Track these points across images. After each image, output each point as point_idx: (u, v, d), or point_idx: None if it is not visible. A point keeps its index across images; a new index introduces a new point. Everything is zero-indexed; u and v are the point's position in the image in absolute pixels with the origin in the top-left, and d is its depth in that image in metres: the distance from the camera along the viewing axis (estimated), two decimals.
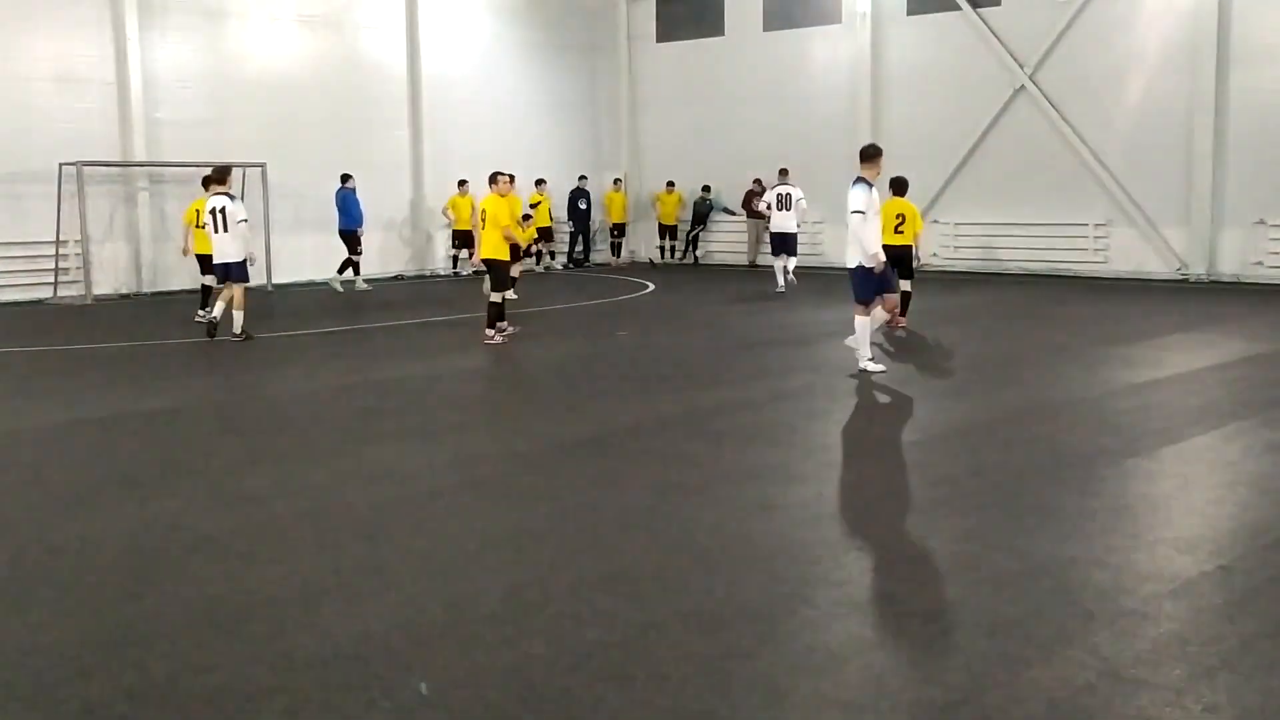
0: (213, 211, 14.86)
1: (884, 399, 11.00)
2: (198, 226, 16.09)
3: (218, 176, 15.21)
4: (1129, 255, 22.91)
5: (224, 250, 14.93)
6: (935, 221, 25.33)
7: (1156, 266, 22.53)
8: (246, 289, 15.28)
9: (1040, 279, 23.10)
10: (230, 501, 7.47)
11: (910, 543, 6.40)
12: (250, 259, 15.36)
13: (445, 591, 5.67)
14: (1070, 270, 23.37)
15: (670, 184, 28.80)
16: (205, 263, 16.29)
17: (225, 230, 14.82)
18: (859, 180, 11.61)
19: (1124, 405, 10.43)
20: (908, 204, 15.87)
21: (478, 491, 7.76)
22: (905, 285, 15.39)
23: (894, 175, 16.06)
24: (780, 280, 21.01)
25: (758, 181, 26.79)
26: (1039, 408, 10.31)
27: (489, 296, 14.77)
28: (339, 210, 22.10)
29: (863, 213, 11.47)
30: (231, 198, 15.06)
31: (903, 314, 15.19)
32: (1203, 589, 5.60)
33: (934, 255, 25.25)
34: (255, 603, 5.55)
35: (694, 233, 28.72)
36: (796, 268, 21.27)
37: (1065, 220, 23.46)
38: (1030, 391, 11.20)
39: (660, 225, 28.99)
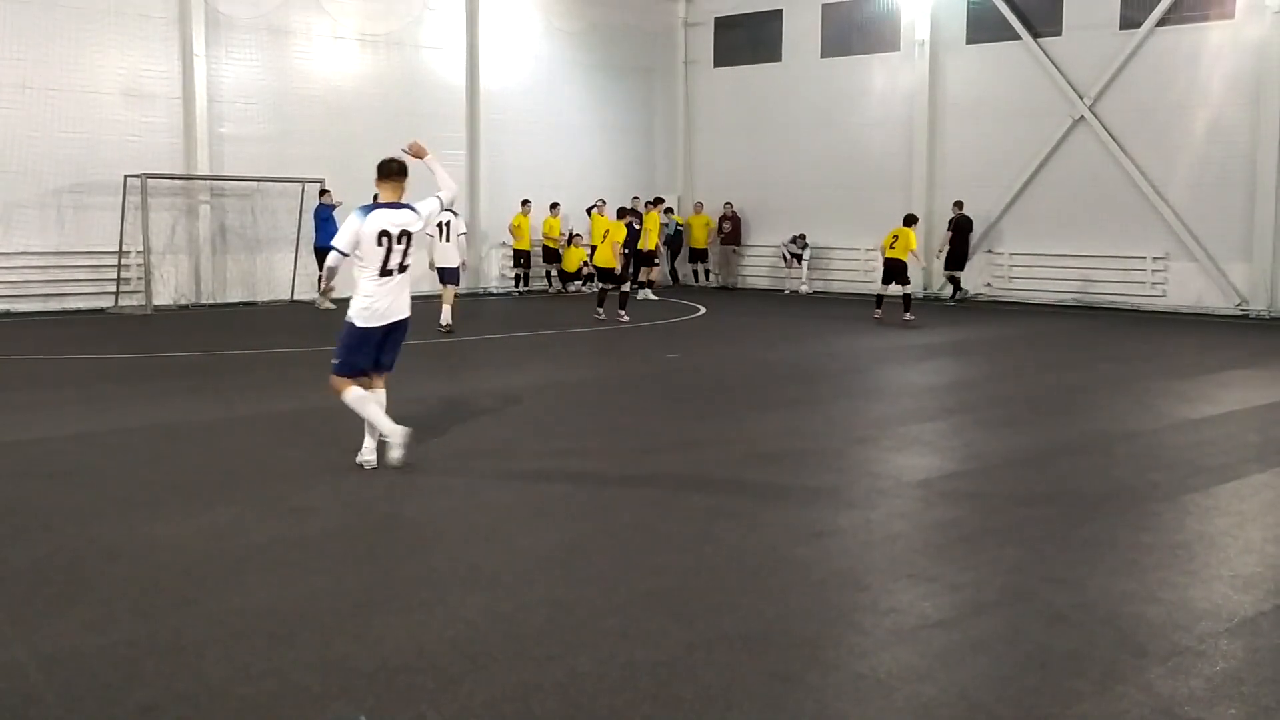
0: (439, 225, 16.62)
1: (935, 428, 10.93)
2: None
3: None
4: (1187, 289, 22.63)
5: (445, 256, 17.01)
6: (990, 251, 25.20)
7: (1216, 301, 22.23)
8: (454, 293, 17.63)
9: (1097, 311, 22.87)
10: (284, 512, 7.56)
11: (960, 572, 6.34)
12: (463, 265, 17.56)
13: (494, 606, 5.70)
14: (1127, 303, 23.11)
15: (699, 205, 28.86)
16: None
17: (447, 240, 16.81)
18: (410, 206, 8.71)
19: (1180, 440, 10.29)
20: (905, 230, 20.16)
21: (528, 508, 7.79)
22: (905, 289, 20.41)
23: (907, 214, 21.20)
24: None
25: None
26: (1093, 441, 10.20)
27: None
28: (317, 226, 21.84)
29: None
30: (454, 214, 16.89)
31: (906, 309, 20.30)
32: (1260, 628, 5.51)
33: (988, 285, 25.19)
34: (307, 612, 5.61)
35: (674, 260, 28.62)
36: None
37: (1123, 253, 23.23)
38: (1085, 424, 11.07)
39: (691, 249, 28.95)
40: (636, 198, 28.16)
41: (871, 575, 6.36)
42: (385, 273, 8.48)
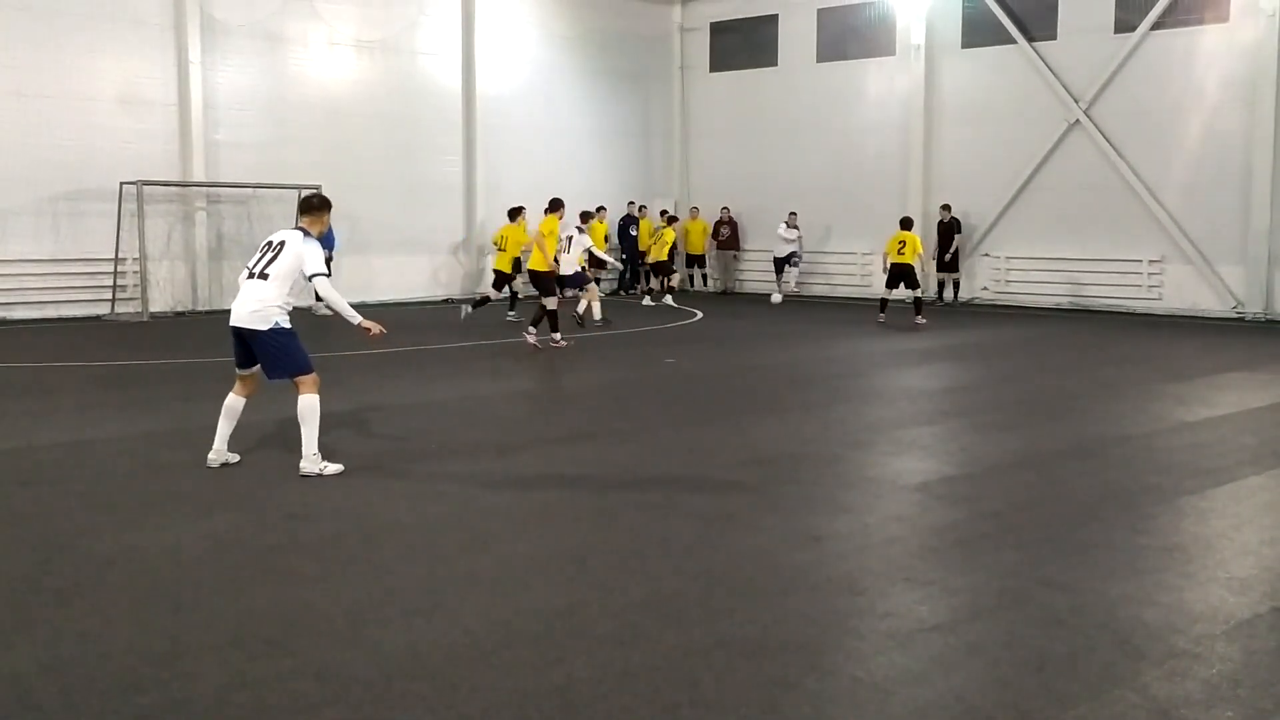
0: (566, 238, 18.94)
1: (932, 432, 10.94)
2: (500, 250, 21.35)
3: (583, 218, 20.18)
4: (1183, 292, 22.66)
5: (567, 265, 18.83)
6: (986, 255, 25.24)
7: (1211, 304, 22.26)
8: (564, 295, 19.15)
9: (1093, 314, 22.90)
10: (279, 518, 7.56)
11: (957, 576, 6.34)
12: (586, 271, 19.90)
13: (491, 612, 5.70)
14: (1123, 306, 23.14)
15: (694, 210, 28.87)
16: (500, 278, 21.05)
17: (568, 252, 18.84)
18: (308, 234, 8.86)
19: (1176, 443, 10.30)
20: (910, 234, 20.46)
21: (525, 513, 7.79)
22: (915, 293, 20.66)
23: (903, 216, 21.51)
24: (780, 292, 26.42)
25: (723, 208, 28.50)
26: (1089, 443, 10.20)
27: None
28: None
29: (327, 274, 8.79)
30: (581, 230, 19.29)
31: (918, 313, 20.58)
32: (1256, 630, 5.51)
33: (984, 289, 25.22)
34: (303, 618, 5.61)
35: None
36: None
37: (1119, 256, 23.26)
38: (1080, 427, 11.08)
39: (687, 254, 28.91)
40: (632, 202, 28.27)
41: (868, 579, 6.36)
42: (251, 274, 8.75)
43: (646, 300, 25.09)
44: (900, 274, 20.43)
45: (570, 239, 19.14)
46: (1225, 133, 21.85)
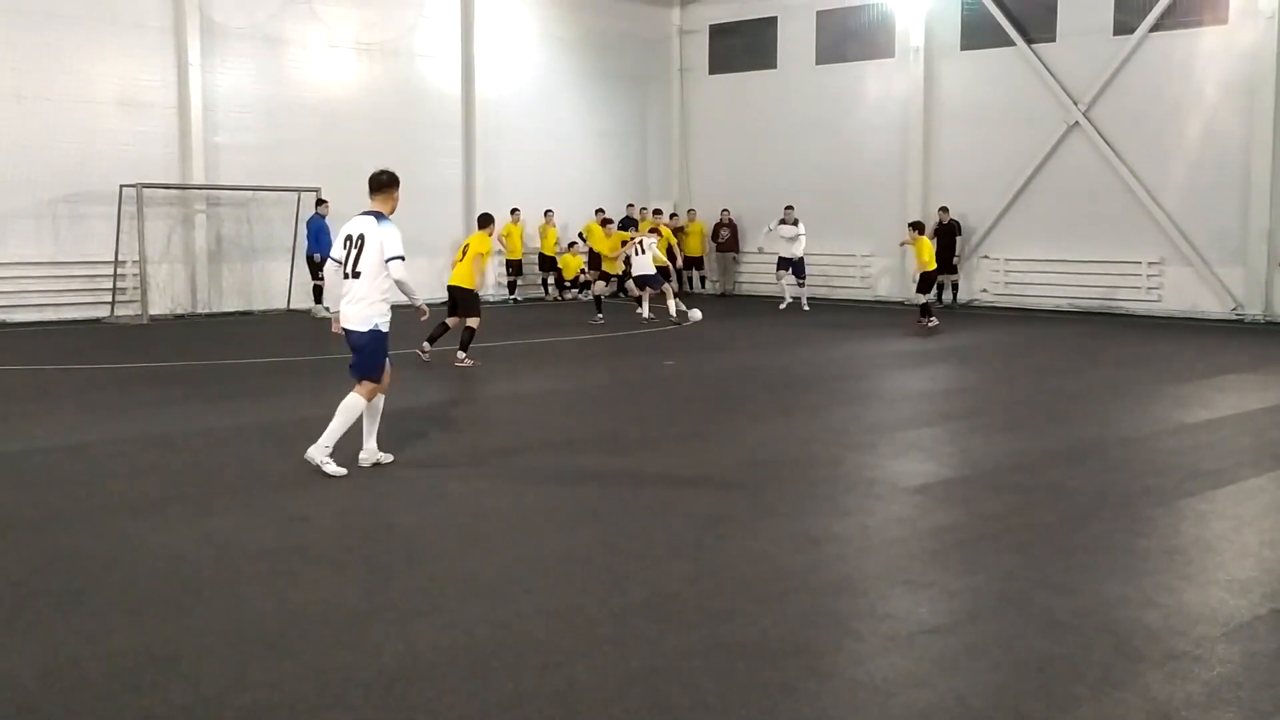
0: (639, 242, 21.21)
1: (932, 434, 10.94)
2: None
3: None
4: (1183, 294, 22.64)
5: (642, 267, 21.05)
6: (986, 257, 25.24)
7: (1211, 306, 22.25)
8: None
9: (1092, 316, 22.90)
10: (280, 521, 7.56)
11: (957, 578, 6.35)
12: (665, 272, 22.03)
13: (491, 614, 5.70)
14: (1123, 308, 23.13)
15: (691, 211, 28.82)
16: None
17: (643, 254, 21.05)
18: (382, 216, 8.93)
19: (1176, 445, 10.30)
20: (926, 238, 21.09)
21: (526, 515, 7.80)
22: (926, 297, 21.16)
23: (914, 220, 21.93)
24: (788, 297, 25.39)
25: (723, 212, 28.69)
26: (1089, 445, 10.20)
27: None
28: (312, 237, 21.79)
29: (403, 258, 8.79)
30: (651, 236, 21.84)
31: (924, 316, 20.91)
32: (1256, 632, 5.52)
33: (984, 291, 25.22)
34: (303, 621, 5.61)
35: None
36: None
37: (1118, 258, 23.25)
38: (1080, 429, 11.08)
39: (685, 257, 28.74)
40: (631, 205, 28.26)
41: (868, 581, 6.36)
42: (345, 274, 8.82)
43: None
44: (933, 278, 21.09)
45: (641, 242, 21.26)
46: (1224, 134, 21.85)
